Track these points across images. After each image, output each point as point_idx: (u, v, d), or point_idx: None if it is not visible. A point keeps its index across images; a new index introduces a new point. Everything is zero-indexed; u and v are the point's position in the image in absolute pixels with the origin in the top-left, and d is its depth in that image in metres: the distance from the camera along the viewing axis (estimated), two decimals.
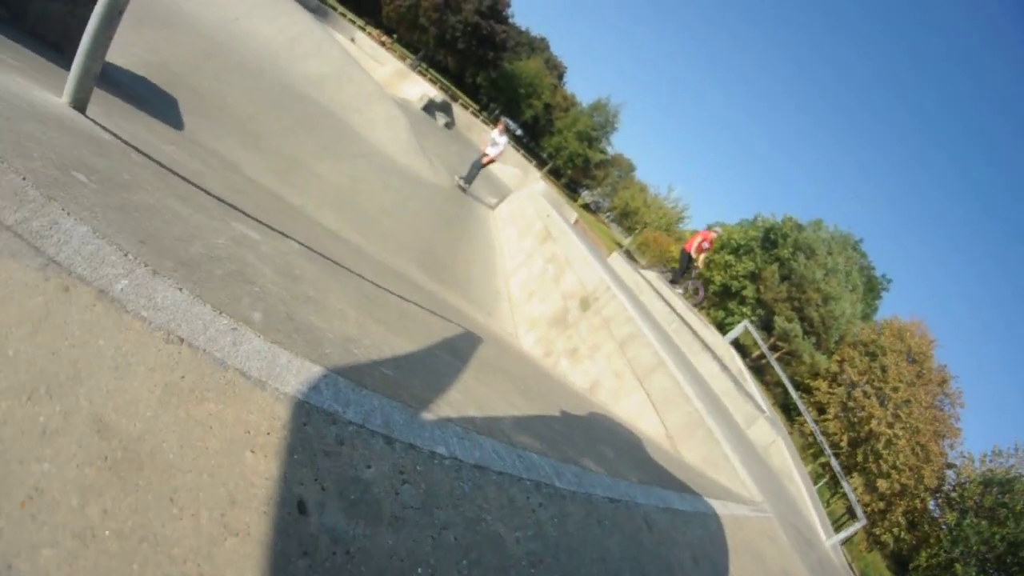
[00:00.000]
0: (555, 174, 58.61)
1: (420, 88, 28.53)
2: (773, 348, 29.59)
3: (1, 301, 0.75)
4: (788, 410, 25.87)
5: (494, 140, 10.72)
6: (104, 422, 0.72)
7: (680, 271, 10.42)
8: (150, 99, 3.61)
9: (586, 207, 61.31)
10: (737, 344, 23.01)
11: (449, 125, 28.53)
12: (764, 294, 32.34)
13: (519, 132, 64.07)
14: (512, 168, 28.00)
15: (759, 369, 27.50)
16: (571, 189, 62.26)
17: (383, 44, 35.86)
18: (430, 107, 27.33)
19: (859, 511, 8.86)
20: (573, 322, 4.20)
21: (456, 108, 33.47)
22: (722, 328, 24.65)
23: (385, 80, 25.17)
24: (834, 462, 10.80)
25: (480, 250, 7.10)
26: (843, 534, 7.57)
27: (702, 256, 9.82)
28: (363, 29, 36.82)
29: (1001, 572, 19.88)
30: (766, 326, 31.32)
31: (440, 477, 0.95)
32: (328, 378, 0.92)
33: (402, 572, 0.81)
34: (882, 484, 24.01)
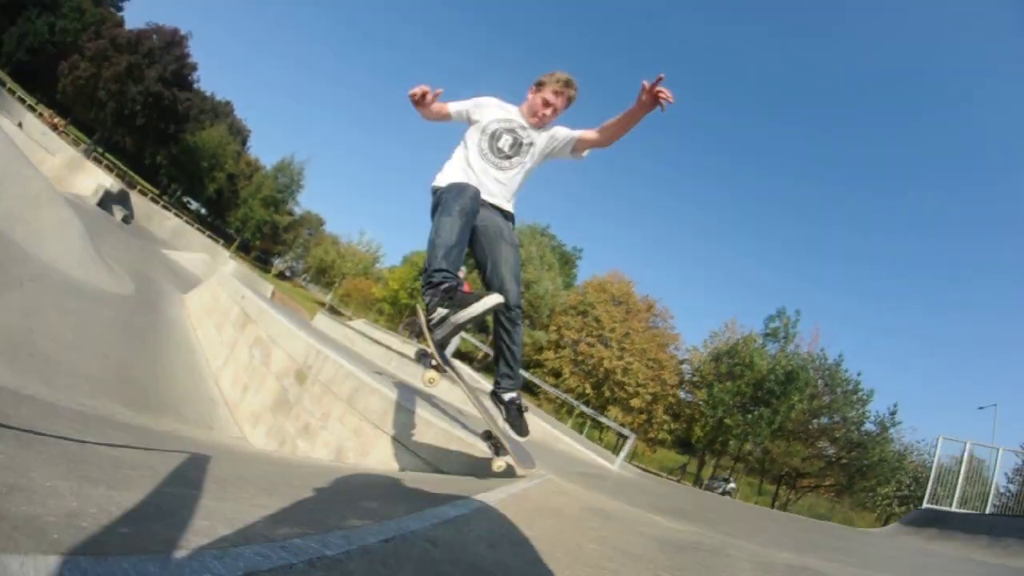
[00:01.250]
0: (244, 249, 55.32)
1: (95, 179, 25.76)
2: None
3: None
4: (530, 389, 28.05)
5: None
6: None
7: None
8: None
9: (281, 275, 60.03)
10: (461, 353, 25.50)
11: (127, 219, 26.06)
12: None
13: (203, 211, 59.21)
14: (199, 254, 24.88)
15: (489, 368, 30.91)
16: (262, 260, 59.83)
17: (55, 128, 31.82)
18: (106, 200, 24.74)
19: (625, 431, 11.04)
20: (295, 399, 3.99)
21: (134, 196, 30.55)
22: None
23: (56, 173, 22.19)
24: (585, 408, 13.34)
25: (182, 357, 6.20)
26: (622, 453, 8.89)
27: None
28: (34, 109, 32.44)
29: (758, 404, 26.79)
30: (483, 329, 34.44)
31: None
32: (68, 564, 0.77)
33: None
34: (636, 402, 29.58)
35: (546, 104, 2.65)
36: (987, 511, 10.71)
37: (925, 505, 10.93)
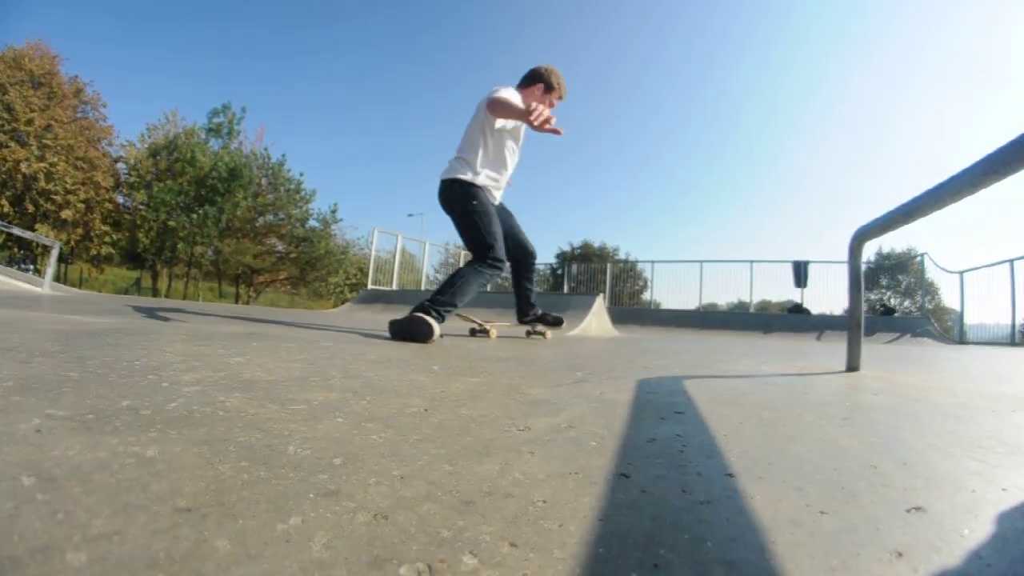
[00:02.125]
0: None
1: None
2: None
3: None
4: None
5: None
6: None
7: None
8: None
9: None
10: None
11: None
12: None
13: None
14: None
15: None
16: None
17: None
18: None
19: (44, 239, 10.71)
20: None
21: None
22: None
23: None
24: (23, 232, 10.92)
25: None
26: (49, 271, 8.22)
27: None
28: None
29: (203, 203, 25.31)
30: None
31: None
32: None
33: None
34: (67, 214, 23.78)
35: (550, 106, 3.01)
36: (422, 289, 13.36)
37: (370, 287, 12.16)
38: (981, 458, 0.85)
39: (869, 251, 33.13)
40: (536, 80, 2.99)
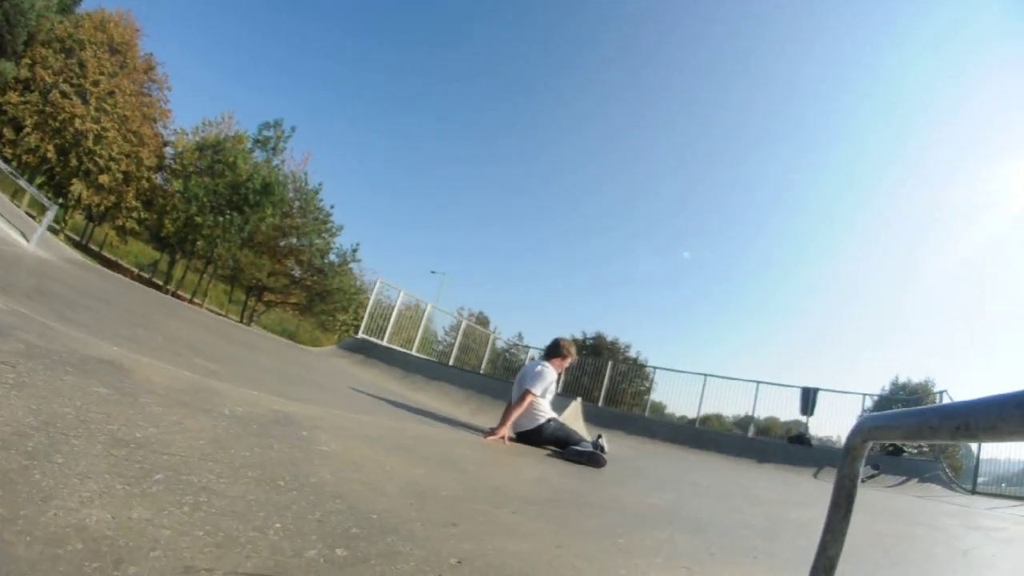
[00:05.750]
0: None
1: None
2: None
3: None
4: None
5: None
6: None
7: None
8: None
9: None
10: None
11: None
12: None
13: None
14: None
15: None
16: None
17: None
18: None
19: (45, 200, 10.65)
20: None
21: None
22: None
23: None
24: (27, 185, 11.92)
25: None
26: (40, 228, 8.05)
27: None
28: None
29: (233, 208, 25.93)
30: None
31: None
32: None
33: None
34: (105, 179, 24.50)
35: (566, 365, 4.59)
36: (413, 351, 12.96)
37: (360, 335, 12.01)
38: None
39: (884, 380, 31.38)
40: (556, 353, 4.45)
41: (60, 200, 22.60)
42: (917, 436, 1.32)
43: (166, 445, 1.30)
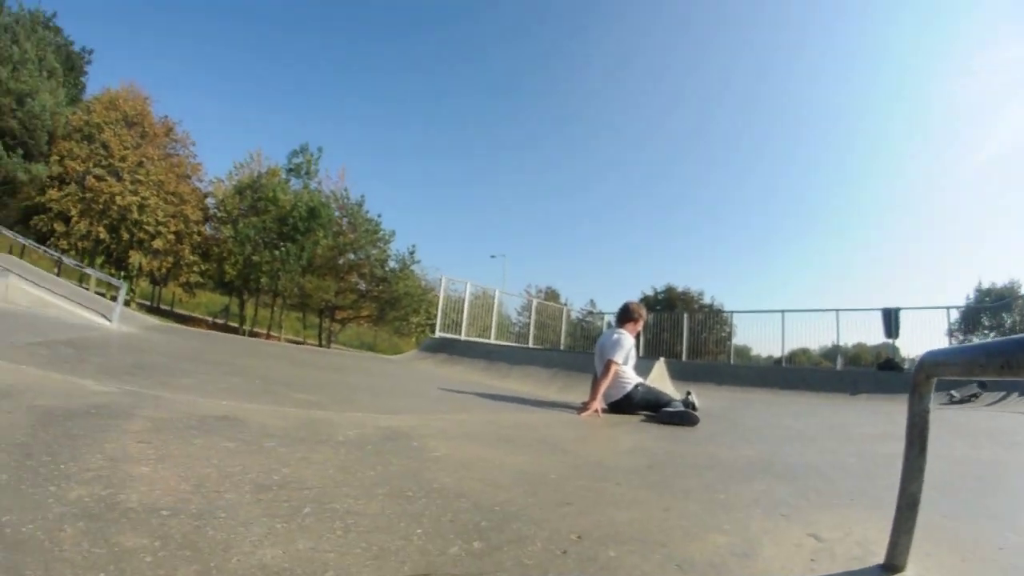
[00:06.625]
0: None
1: None
2: None
3: None
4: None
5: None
6: None
7: None
8: None
9: None
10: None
11: None
12: None
13: None
14: None
15: None
16: None
17: None
18: None
19: (113, 280, 11.15)
20: None
21: None
22: None
23: None
24: (93, 271, 13.26)
25: None
26: (117, 306, 8.35)
27: None
28: None
29: (285, 240, 26.96)
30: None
31: None
32: None
33: None
34: (158, 243, 26.19)
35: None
36: (491, 339, 12.67)
37: (438, 334, 11.87)
38: None
39: (967, 287, 29.26)
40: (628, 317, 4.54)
41: (123, 273, 24.29)
42: (969, 372, 1.31)
43: (302, 481, 1.46)
